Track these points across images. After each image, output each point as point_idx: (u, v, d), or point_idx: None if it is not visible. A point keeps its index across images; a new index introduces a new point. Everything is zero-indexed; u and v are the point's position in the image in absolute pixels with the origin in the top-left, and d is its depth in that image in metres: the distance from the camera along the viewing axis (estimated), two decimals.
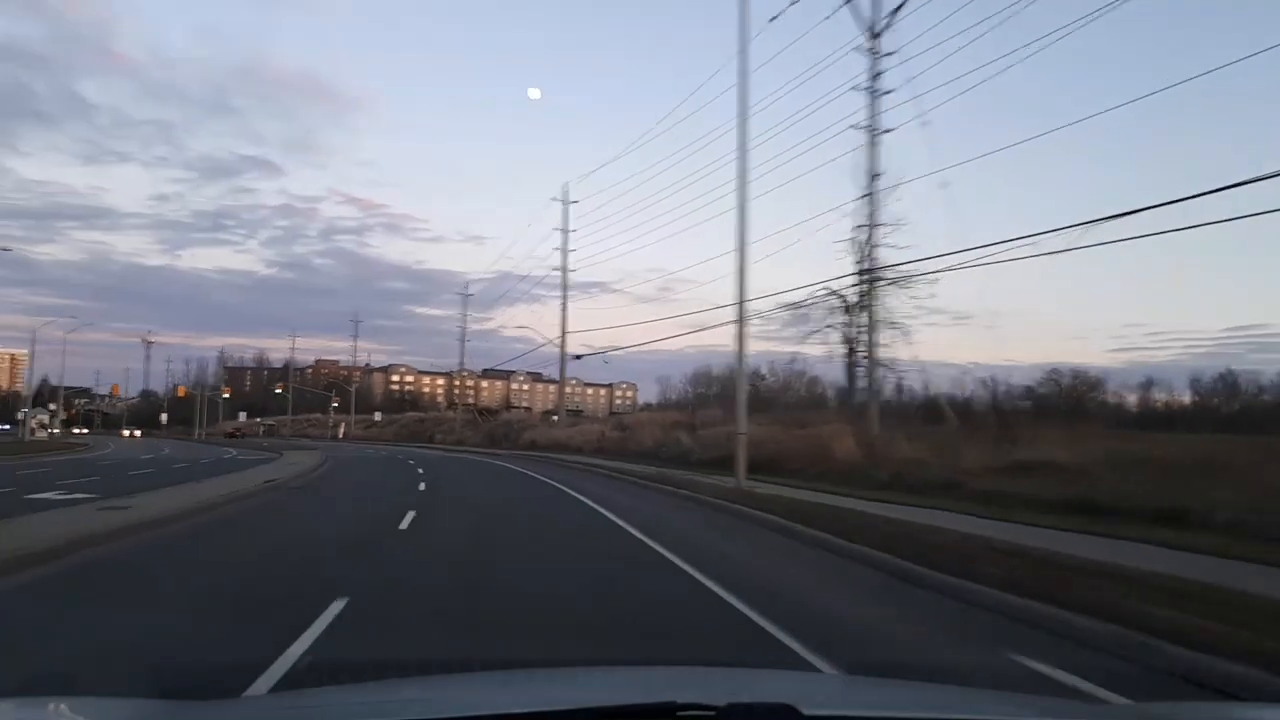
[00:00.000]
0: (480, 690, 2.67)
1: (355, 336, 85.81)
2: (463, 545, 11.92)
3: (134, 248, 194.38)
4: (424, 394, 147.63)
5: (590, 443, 44.11)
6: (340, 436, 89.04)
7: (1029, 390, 40.64)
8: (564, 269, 48.71)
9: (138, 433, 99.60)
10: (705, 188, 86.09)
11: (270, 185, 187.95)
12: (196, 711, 2.44)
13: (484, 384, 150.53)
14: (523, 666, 4.10)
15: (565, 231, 48.30)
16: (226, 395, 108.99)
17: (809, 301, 28.96)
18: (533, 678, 3.25)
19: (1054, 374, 43.60)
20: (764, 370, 54.94)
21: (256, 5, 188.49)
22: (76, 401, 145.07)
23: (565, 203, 47.55)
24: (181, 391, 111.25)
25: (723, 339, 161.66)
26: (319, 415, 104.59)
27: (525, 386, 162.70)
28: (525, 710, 2.04)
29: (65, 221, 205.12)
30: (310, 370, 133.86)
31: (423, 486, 23.42)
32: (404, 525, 13.81)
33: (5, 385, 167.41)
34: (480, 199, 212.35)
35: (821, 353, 32.00)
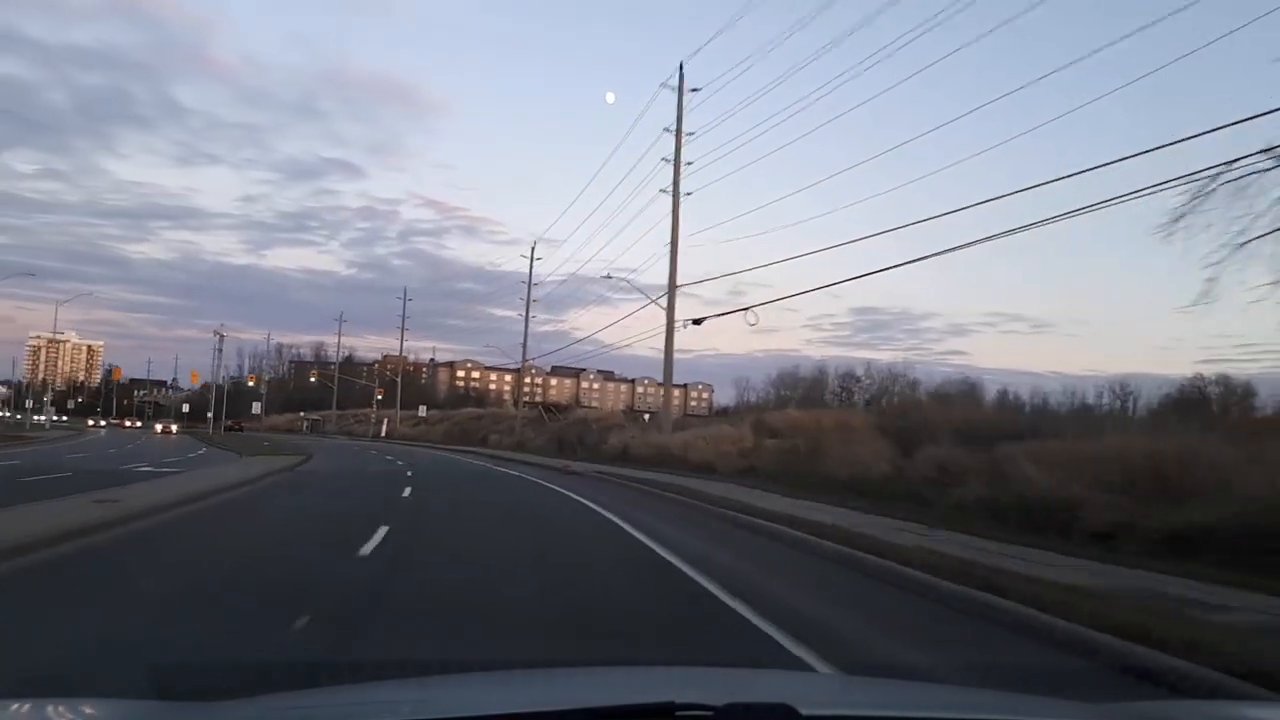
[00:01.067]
0: (478, 690, 2.65)
1: (403, 316, 69.24)
2: None
3: (221, 247, 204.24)
4: (490, 391, 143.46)
5: (728, 457, 26.53)
6: (383, 435, 75.16)
7: (1172, 398, 34.52)
8: (675, 208, 32.91)
9: (173, 426, 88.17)
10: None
11: (352, 187, 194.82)
12: (195, 712, 2.42)
13: (553, 381, 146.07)
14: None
15: (676, 190, 32.49)
16: (251, 383, 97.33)
17: None
18: (531, 678, 3.31)
19: (1197, 381, 36.01)
20: (859, 372, 50.44)
21: (342, 11, 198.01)
22: (137, 393, 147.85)
23: (674, 190, 31.97)
24: (252, 380, 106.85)
25: (791, 341, 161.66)
26: (368, 411, 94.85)
27: (595, 385, 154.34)
28: (523, 710, 2.02)
29: (158, 221, 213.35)
30: (375, 366, 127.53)
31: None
32: None
33: (84, 376, 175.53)
34: (556, 201, 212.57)
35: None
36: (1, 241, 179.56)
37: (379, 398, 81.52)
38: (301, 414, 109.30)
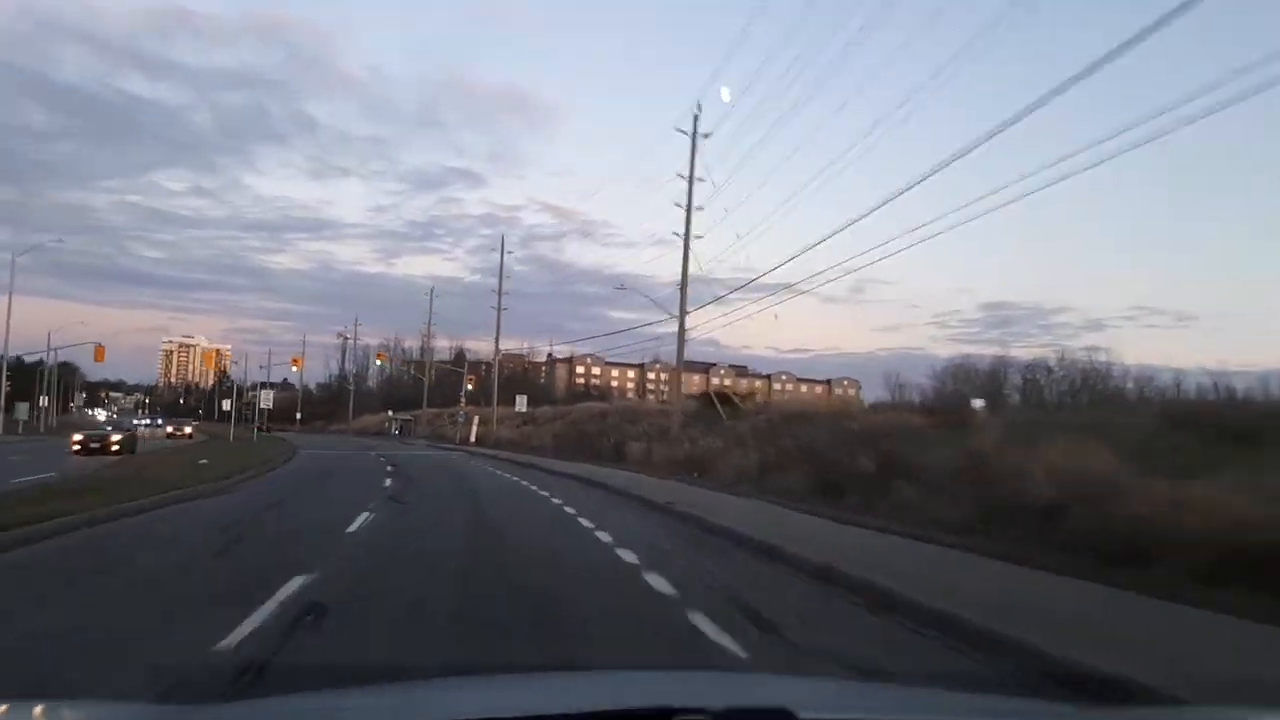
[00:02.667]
0: (476, 694, 2.66)
1: (499, 296, 47.02)
2: None
3: (354, 256, 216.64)
4: (612, 388, 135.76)
5: None
6: (471, 439, 54.84)
7: None
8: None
9: (187, 428, 72.53)
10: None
11: (474, 195, 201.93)
12: (195, 713, 2.46)
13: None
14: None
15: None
16: (296, 367, 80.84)
17: None
18: (529, 681, 3.34)
19: None
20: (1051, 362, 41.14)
21: (462, 24, 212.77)
22: (248, 394, 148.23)
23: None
24: (381, 357, 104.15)
25: (915, 339, 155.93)
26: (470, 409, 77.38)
27: (728, 381, 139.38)
28: (522, 714, 2.01)
29: (294, 233, 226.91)
30: (484, 366, 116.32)
31: None
32: None
33: (210, 380, 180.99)
34: (673, 204, 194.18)
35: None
36: (155, 256, 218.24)
37: (468, 388, 61.24)
38: (389, 413, 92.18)
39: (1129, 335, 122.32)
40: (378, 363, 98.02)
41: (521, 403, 56.61)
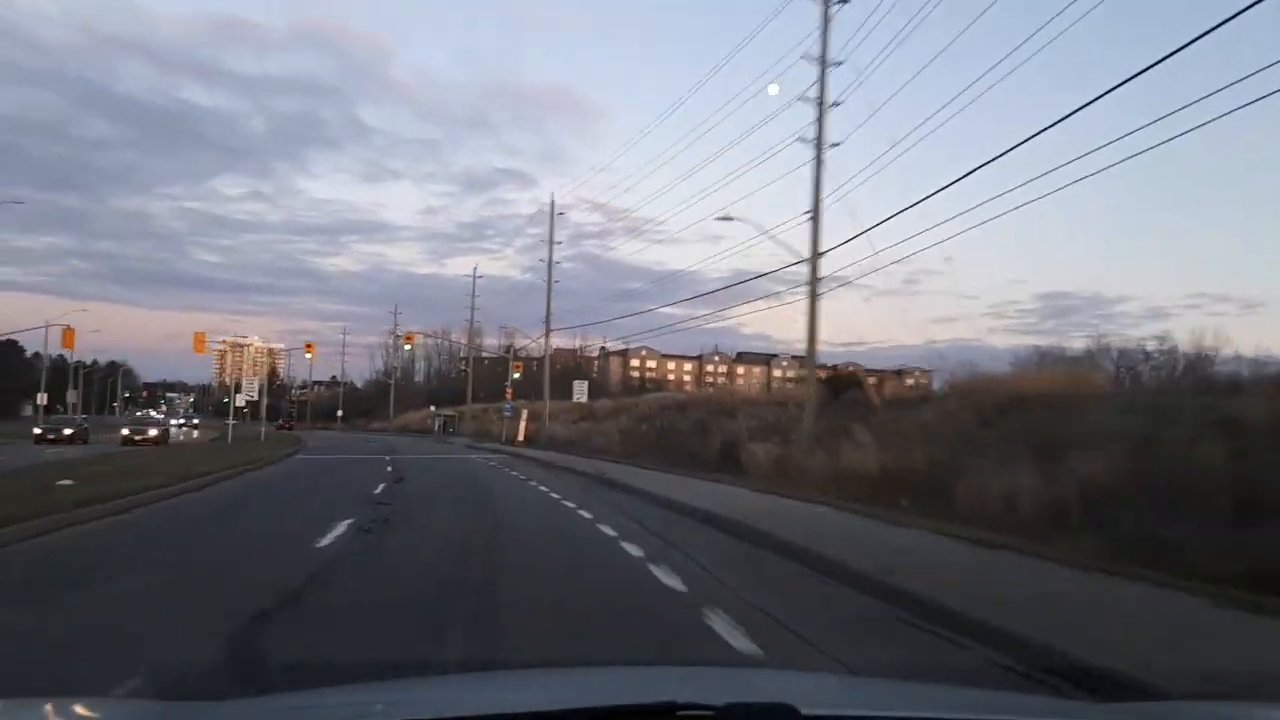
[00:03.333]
0: (477, 690, 2.65)
1: (550, 256, 36.77)
2: None
3: (406, 257, 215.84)
4: (668, 380, 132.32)
5: None
6: (520, 437, 45.18)
7: None
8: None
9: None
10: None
11: (523, 195, 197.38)
12: (195, 712, 2.39)
13: (740, 370, 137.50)
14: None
15: None
16: (309, 354, 72.35)
17: None
18: (530, 678, 3.31)
19: None
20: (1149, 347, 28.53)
21: (510, 26, 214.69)
22: (296, 393, 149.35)
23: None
24: (409, 340, 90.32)
25: (972, 330, 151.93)
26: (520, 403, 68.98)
27: (790, 374, 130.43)
28: (523, 710, 2.02)
29: (349, 235, 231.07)
30: (535, 363, 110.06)
31: None
32: None
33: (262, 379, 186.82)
34: (719, 199, 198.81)
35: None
36: (214, 260, 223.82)
37: (515, 375, 51.72)
38: (431, 408, 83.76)
39: (1192, 324, 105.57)
40: (406, 347, 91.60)
41: (580, 390, 46.12)
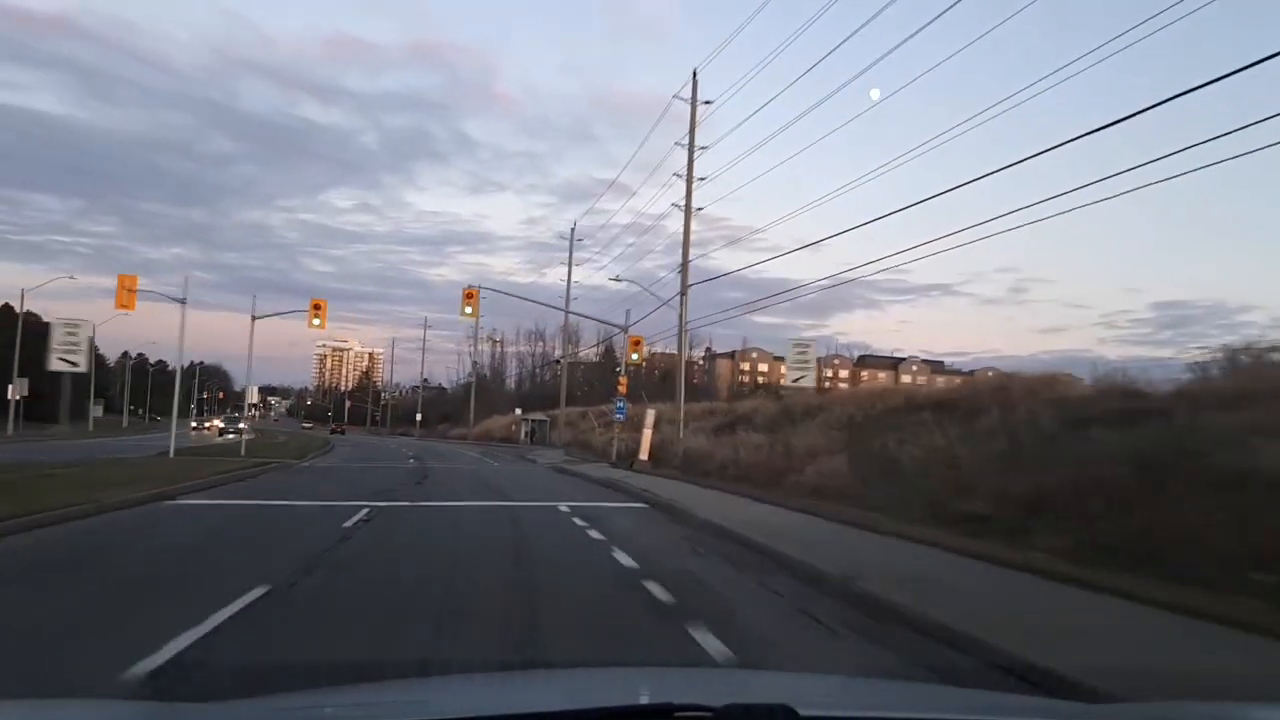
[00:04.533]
0: (477, 692, 2.59)
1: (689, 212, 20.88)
2: None
3: (507, 267, 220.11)
4: (779, 383, 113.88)
5: None
6: (645, 456, 29.81)
7: None
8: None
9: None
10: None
11: (622, 205, 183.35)
12: (195, 712, 2.34)
13: (863, 374, 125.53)
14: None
15: None
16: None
17: None
18: (530, 680, 3.40)
19: None
20: None
21: (611, 38, 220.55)
22: (384, 396, 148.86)
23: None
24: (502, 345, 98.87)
25: (1082, 340, 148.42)
26: (604, 408, 55.35)
27: (921, 379, 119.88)
28: (523, 711, 1.99)
29: (453, 246, 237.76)
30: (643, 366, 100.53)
31: None
32: None
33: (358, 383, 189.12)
34: (818, 207, 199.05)
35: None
36: (325, 270, 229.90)
37: (631, 361, 36.62)
38: (517, 411, 70.22)
39: None
40: (484, 348, 78.89)
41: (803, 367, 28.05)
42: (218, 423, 70.09)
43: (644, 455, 27.43)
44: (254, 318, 30.86)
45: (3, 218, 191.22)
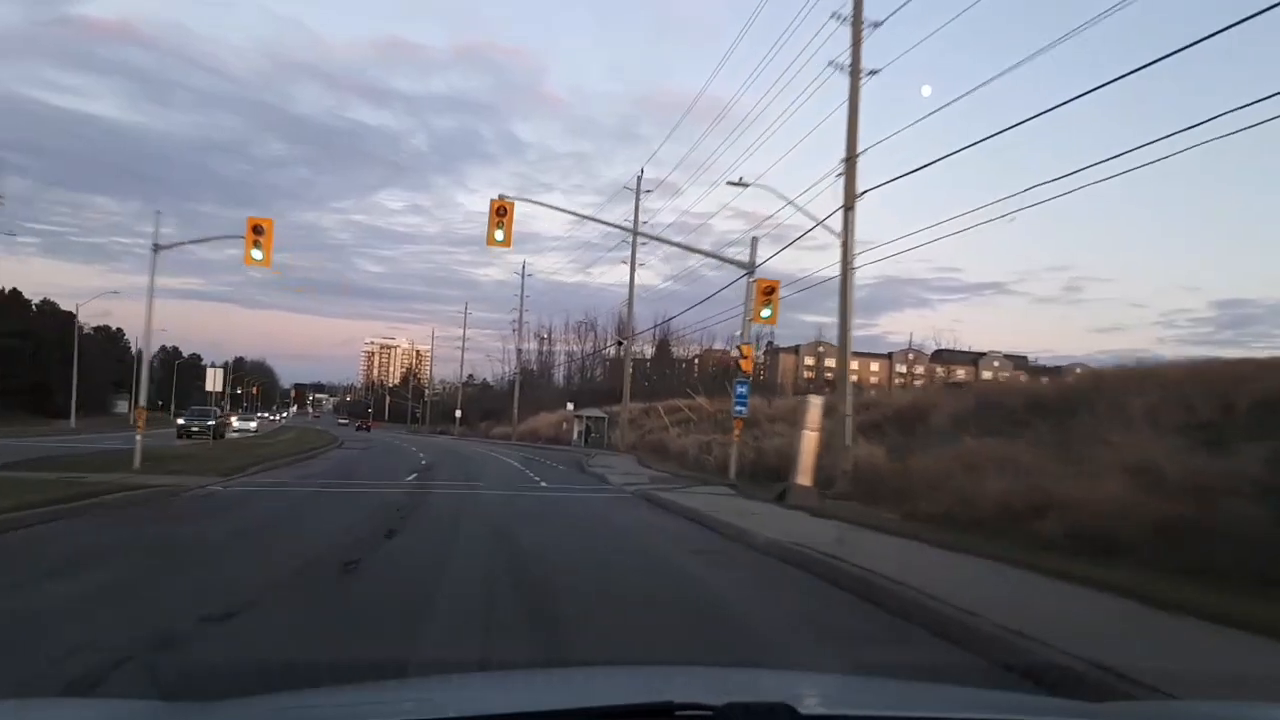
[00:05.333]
0: (478, 691, 2.60)
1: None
2: None
3: (553, 267, 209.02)
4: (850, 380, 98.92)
5: None
6: (807, 480, 18.55)
7: None
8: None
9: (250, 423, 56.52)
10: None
11: (667, 204, 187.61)
12: (195, 712, 2.33)
13: (938, 370, 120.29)
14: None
15: None
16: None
17: None
18: (530, 678, 3.36)
19: None
20: None
21: (655, 39, 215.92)
22: (426, 393, 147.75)
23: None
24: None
25: (1140, 340, 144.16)
26: (677, 402, 48.19)
27: (1004, 375, 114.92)
28: (523, 710, 1.97)
29: (500, 247, 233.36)
30: (696, 361, 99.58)
31: None
32: None
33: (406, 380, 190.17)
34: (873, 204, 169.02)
35: None
36: (376, 270, 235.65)
37: (763, 317, 25.54)
38: (569, 406, 59.53)
39: None
40: (531, 345, 73.56)
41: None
42: (234, 420, 60.90)
43: (803, 478, 16.33)
44: (156, 247, 20.38)
45: (66, 220, 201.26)
